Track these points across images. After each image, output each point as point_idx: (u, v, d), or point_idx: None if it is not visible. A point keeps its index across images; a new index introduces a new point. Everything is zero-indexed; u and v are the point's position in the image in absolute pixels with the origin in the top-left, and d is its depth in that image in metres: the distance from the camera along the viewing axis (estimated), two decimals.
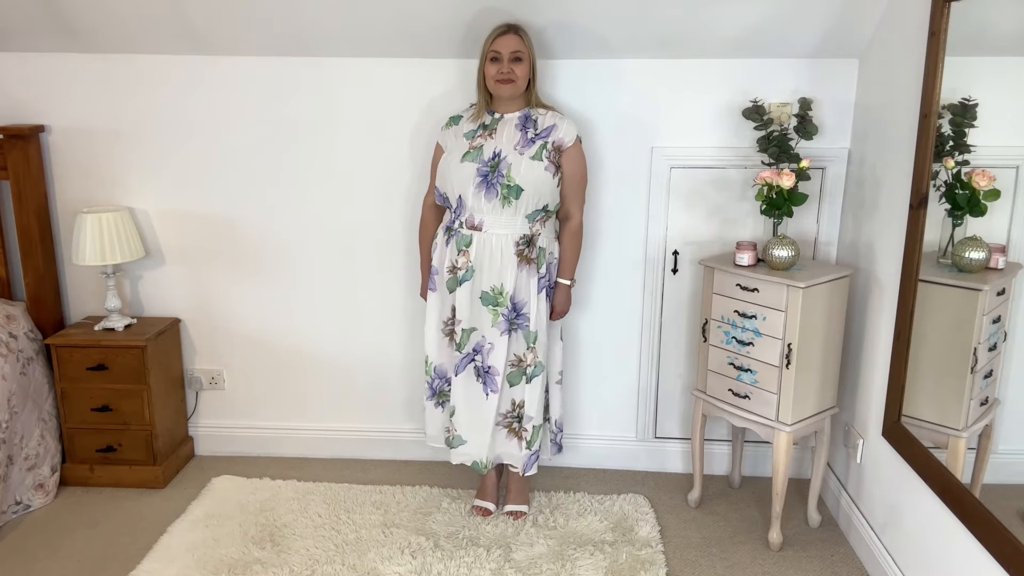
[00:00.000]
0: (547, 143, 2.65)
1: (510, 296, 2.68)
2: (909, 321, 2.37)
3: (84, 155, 3.18)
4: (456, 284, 2.71)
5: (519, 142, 2.65)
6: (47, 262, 3.21)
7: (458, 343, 2.74)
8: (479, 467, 2.84)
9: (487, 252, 2.66)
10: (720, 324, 2.81)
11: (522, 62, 2.62)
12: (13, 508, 2.95)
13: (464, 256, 2.68)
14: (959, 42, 2.16)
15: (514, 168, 2.61)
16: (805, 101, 2.80)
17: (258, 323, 3.33)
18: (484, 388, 2.75)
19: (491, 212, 2.64)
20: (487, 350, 2.72)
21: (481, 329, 2.72)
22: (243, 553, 2.72)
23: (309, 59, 3.03)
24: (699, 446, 2.99)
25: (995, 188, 2.04)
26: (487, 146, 2.65)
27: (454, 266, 2.71)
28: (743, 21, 2.74)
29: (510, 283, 2.67)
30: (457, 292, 2.71)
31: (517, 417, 2.80)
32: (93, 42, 3.00)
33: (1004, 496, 1.98)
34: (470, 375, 2.76)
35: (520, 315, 2.72)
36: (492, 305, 2.69)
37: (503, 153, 2.63)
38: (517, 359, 2.75)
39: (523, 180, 2.60)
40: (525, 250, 2.68)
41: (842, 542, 2.84)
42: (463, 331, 2.72)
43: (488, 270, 2.67)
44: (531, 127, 2.67)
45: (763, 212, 2.78)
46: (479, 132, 2.69)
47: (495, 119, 2.69)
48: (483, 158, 2.63)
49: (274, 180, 3.17)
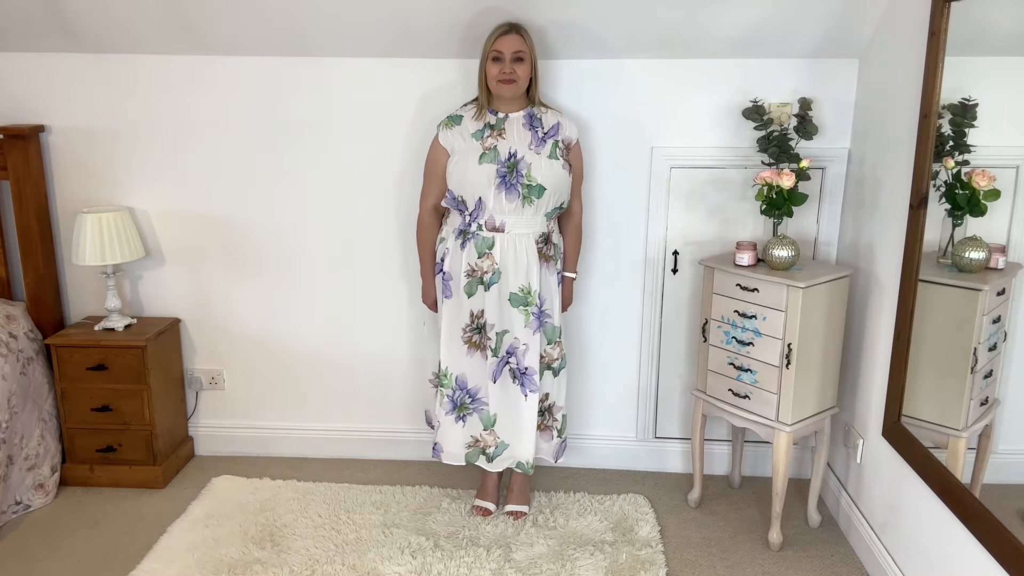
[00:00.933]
0: (558, 141, 2.68)
1: (538, 295, 2.70)
2: (909, 321, 2.37)
3: (84, 155, 3.18)
4: (476, 287, 2.70)
5: (531, 141, 2.65)
6: (47, 262, 3.21)
7: (493, 348, 2.72)
8: (525, 468, 2.82)
9: (512, 253, 2.67)
10: (720, 324, 2.81)
11: (524, 62, 2.61)
12: (13, 508, 2.95)
13: (488, 259, 2.67)
14: (959, 42, 2.16)
15: (534, 168, 2.62)
16: (805, 101, 2.80)
17: (258, 323, 3.33)
18: (523, 389, 2.75)
19: (512, 213, 2.64)
20: (521, 351, 2.72)
21: (513, 331, 2.72)
22: (243, 553, 2.72)
23: (309, 59, 3.03)
24: (699, 446, 2.99)
25: (995, 188, 2.04)
26: (501, 146, 2.64)
27: (474, 269, 2.69)
28: (743, 21, 2.74)
29: (536, 281, 2.69)
30: (486, 296, 2.70)
31: (544, 411, 2.83)
32: (93, 42, 3.00)
33: (1004, 496, 1.98)
34: (507, 379, 2.75)
35: (543, 312, 2.73)
36: (523, 305, 2.69)
37: (518, 153, 2.63)
38: (543, 356, 2.77)
39: (544, 179, 2.62)
40: (544, 248, 2.71)
41: (842, 542, 2.84)
42: (496, 335, 2.71)
43: (514, 271, 2.67)
44: (539, 126, 2.68)
45: (763, 212, 2.78)
46: (487, 132, 2.67)
47: (500, 119, 2.68)
48: (500, 159, 2.62)
49: (274, 180, 3.17)
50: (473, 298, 2.72)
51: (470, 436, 2.84)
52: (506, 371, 2.74)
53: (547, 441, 2.87)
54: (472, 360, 2.77)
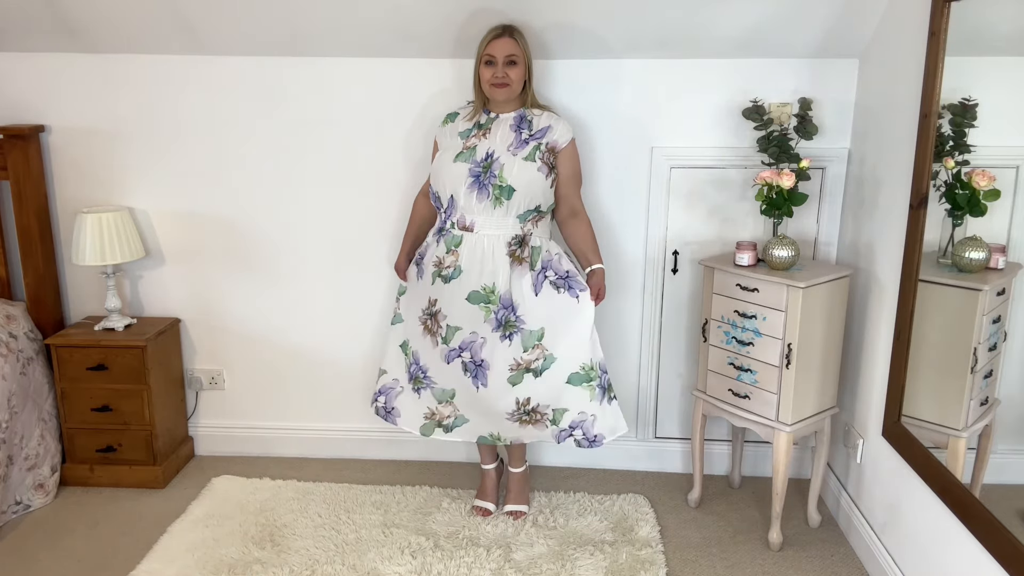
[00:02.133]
0: (541, 144, 2.65)
1: (501, 296, 2.66)
2: (909, 321, 2.37)
3: (84, 155, 3.18)
4: (436, 279, 2.71)
5: (512, 143, 2.64)
6: (47, 262, 3.21)
7: (444, 337, 2.73)
8: (486, 440, 2.81)
9: (479, 253, 2.65)
10: (720, 324, 2.81)
11: (516, 65, 2.61)
12: (13, 508, 2.95)
13: (453, 255, 2.67)
14: (959, 42, 2.16)
15: (506, 169, 2.61)
16: (805, 101, 2.80)
17: (258, 323, 3.33)
18: (474, 382, 2.71)
19: (482, 212, 2.63)
20: (479, 344, 2.70)
21: (470, 326, 2.70)
22: (243, 553, 2.73)
23: (307, 59, 3.03)
24: (699, 446, 2.99)
25: (995, 188, 2.04)
26: (480, 146, 2.65)
27: (440, 261, 2.70)
28: (743, 21, 2.74)
29: (504, 283, 2.65)
30: (443, 288, 2.70)
31: (526, 412, 2.73)
32: (93, 42, 3.00)
33: (1004, 496, 1.98)
34: (457, 368, 2.74)
35: (517, 316, 2.68)
36: (483, 303, 2.67)
37: (495, 153, 2.63)
38: (516, 363, 2.70)
39: (515, 181, 2.60)
40: (517, 250, 2.66)
41: (842, 542, 2.84)
42: (448, 327, 2.71)
43: (480, 271, 2.65)
44: (525, 127, 2.67)
45: (763, 212, 2.78)
46: (473, 132, 2.69)
47: (490, 119, 2.69)
48: (476, 158, 2.63)
49: (274, 180, 3.17)
50: (432, 287, 2.73)
51: (426, 407, 2.83)
52: (457, 362, 2.74)
53: (542, 430, 2.76)
54: (425, 341, 2.79)
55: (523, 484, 3.01)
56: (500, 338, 2.68)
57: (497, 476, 3.05)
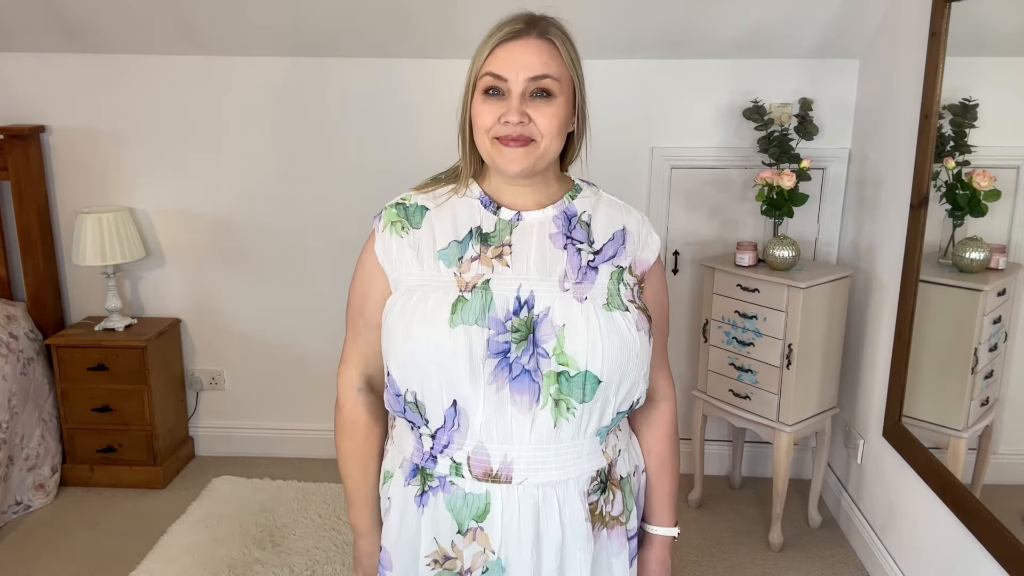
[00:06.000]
0: (623, 269, 1.30)
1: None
2: (910, 321, 2.37)
3: (84, 155, 3.18)
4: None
5: (567, 271, 1.26)
6: (47, 262, 3.21)
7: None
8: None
9: (531, 527, 1.26)
10: (720, 324, 2.81)
11: (554, 97, 1.23)
12: (13, 508, 2.95)
13: (476, 539, 1.27)
14: (959, 42, 2.16)
15: (570, 331, 1.22)
16: (805, 101, 2.80)
17: (258, 323, 3.32)
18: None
19: (532, 438, 1.23)
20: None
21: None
22: (243, 553, 2.72)
23: (309, 59, 3.03)
24: (699, 446, 2.99)
25: (995, 188, 2.04)
26: (500, 281, 1.24)
27: (447, 557, 1.29)
28: (743, 21, 2.74)
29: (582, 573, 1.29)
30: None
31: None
32: (93, 42, 3.00)
33: (1005, 497, 1.98)
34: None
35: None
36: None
37: (536, 296, 1.23)
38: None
39: (596, 356, 1.21)
40: (600, 500, 1.31)
41: (842, 542, 2.84)
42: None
43: (533, 562, 1.27)
44: (583, 238, 1.29)
45: (763, 212, 2.77)
46: (473, 248, 1.27)
47: (505, 222, 1.29)
48: (496, 314, 1.22)
49: (275, 180, 3.17)
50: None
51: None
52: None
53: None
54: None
55: None
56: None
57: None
